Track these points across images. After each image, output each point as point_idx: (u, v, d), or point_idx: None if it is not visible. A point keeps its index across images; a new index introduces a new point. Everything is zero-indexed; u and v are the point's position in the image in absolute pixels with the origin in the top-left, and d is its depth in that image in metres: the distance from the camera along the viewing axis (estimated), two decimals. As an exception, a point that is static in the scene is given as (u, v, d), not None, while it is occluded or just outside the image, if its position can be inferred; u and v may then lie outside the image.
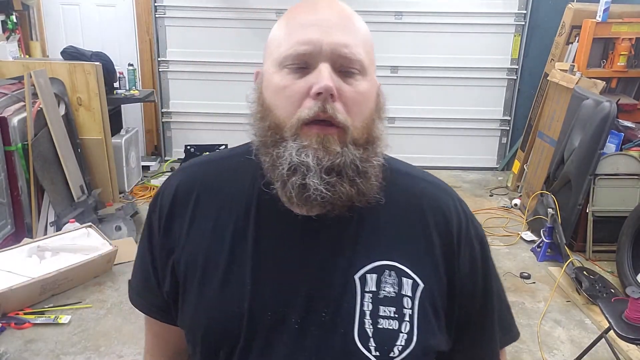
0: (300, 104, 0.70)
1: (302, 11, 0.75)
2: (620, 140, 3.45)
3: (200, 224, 0.79)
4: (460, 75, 5.16)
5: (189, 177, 0.84)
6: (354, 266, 0.75)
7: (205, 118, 5.23)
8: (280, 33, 0.75)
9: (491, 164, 5.45)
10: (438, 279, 0.77)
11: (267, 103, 0.74)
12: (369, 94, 0.74)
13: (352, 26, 0.74)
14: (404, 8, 4.97)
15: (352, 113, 0.71)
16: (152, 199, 0.87)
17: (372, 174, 0.73)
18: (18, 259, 2.96)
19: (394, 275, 0.75)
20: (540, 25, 4.99)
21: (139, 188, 4.57)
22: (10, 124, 3.27)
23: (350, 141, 0.70)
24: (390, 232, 0.78)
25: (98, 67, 3.94)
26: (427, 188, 0.83)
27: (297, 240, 0.76)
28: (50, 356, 2.46)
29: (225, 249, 0.77)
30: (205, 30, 5.01)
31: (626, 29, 3.94)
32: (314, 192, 0.69)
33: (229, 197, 0.80)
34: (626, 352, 2.56)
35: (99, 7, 4.97)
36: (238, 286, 0.75)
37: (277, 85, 0.72)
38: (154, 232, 0.84)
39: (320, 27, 0.71)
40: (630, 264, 3.14)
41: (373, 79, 0.76)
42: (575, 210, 3.50)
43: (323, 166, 0.69)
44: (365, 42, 0.74)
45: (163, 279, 0.83)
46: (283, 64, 0.72)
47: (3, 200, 3.25)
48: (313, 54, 0.70)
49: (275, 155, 0.71)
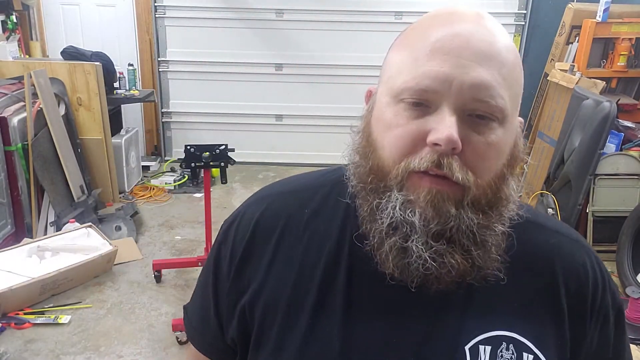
0: (412, 150, 0.57)
1: (433, 29, 0.59)
2: (620, 140, 3.45)
3: (282, 267, 0.67)
4: (460, 75, 5.15)
5: (271, 210, 0.71)
6: (463, 334, 0.62)
7: (205, 118, 5.23)
8: (403, 55, 0.60)
9: (491, 164, 5.44)
10: (563, 355, 0.64)
11: (374, 138, 0.61)
12: (503, 146, 0.59)
13: (497, 55, 0.57)
14: (404, 8, 4.97)
15: (477, 169, 0.57)
16: (224, 226, 0.74)
17: (493, 243, 0.60)
18: (18, 259, 2.96)
19: (512, 349, 0.62)
20: (540, 25, 4.99)
21: (139, 188, 4.57)
22: (10, 124, 3.27)
23: (468, 202, 0.57)
24: (512, 296, 0.64)
25: (98, 67, 3.95)
26: (562, 243, 0.68)
27: (396, 309, 0.63)
28: (50, 356, 2.46)
29: (312, 296, 0.65)
30: (205, 30, 5.01)
31: (626, 29, 3.94)
32: (417, 260, 0.57)
33: (316, 240, 0.67)
34: (626, 352, 2.56)
35: (99, 7, 4.96)
36: (325, 341, 0.63)
37: (389, 121, 0.59)
38: (222, 272, 0.72)
39: (456, 59, 0.56)
40: (630, 264, 3.14)
41: (513, 124, 0.61)
42: (575, 210, 3.49)
43: (431, 229, 0.57)
44: (513, 80, 0.59)
45: (228, 324, 0.72)
46: (399, 97, 0.58)
47: (3, 200, 3.25)
48: (439, 93, 0.56)
49: (375, 205, 0.59)
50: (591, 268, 0.68)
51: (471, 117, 0.57)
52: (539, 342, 0.63)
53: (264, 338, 0.67)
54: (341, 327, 0.63)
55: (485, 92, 0.56)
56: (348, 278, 0.64)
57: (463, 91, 0.56)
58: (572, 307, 0.65)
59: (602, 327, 0.67)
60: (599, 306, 0.67)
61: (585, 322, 0.66)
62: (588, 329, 0.66)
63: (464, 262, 0.58)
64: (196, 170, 4.33)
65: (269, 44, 5.02)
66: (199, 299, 0.78)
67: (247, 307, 0.68)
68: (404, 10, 4.99)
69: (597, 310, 0.66)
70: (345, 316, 0.63)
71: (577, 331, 0.65)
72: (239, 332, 0.70)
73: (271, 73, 5.09)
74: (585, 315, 0.66)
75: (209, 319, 0.74)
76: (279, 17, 4.98)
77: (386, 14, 4.98)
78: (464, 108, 0.56)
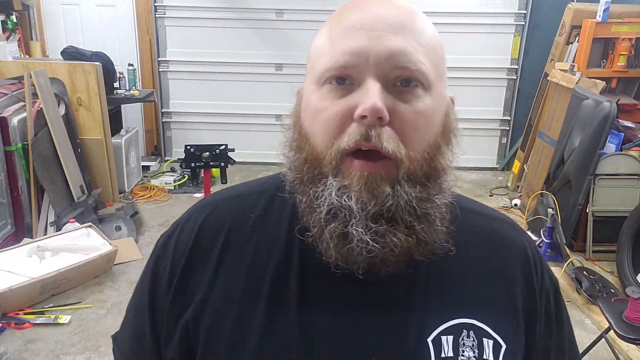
0: (342, 130, 0.57)
1: (348, 11, 0.60)
2: (620, 140, 3.45)
3: (228, 276, 0.64)
4: (460, 75, 5.15)
5: (214, 217, 0.68)
6: (425, 327, 0.61)
7: (205, 118, 5.23)
8: (322, 41, 0.61)
9: (491, 164, 5.44)
10: (520, 337, 0.65)
11: (305, 129, 0.60)
12: (432, 115, 0.58)
13: (412, 26, 0.58)
14: (404, 8, 4.97)
15: (408, 139, 0.56)
16: (162, 239, 0.70)
17: (437, 216, 0.59)
18: (18, 259, 2.96)
19: (473, 335, 0.62)
20: (540, 25, 4.99)
21: (139, 188, 4.57)
22: (10, 124, 3.27)
23: (403, 176, 0.56)
24: (466, 283, 0.64)
25: (98, 67, 3.95)
26: (502, 228, 0.70)
27: (353, 301, 0.62)
28: (50, 356, 2.46)
29: (260, 312, 0.62)
30: (205, 30, 5.01)
31: (626, 29, 3.94)
32: (358, 244, 0.56)
33: (264, 244, 0.65)
34: (626, 352, 2.56)
35: (99, 7, 4.97)
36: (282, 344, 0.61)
37: (315, 106, 0.59)
38: (160, 289, 0.67)
39: (369, 31, 0.56)
40: (630, 264, 3.14)
41: (441, 94, 0.60)
42: (575, 210, 3.49)
43: (369, 212, 0.56)
44: (432, 48, 0.59)
45: (167, 344, 0.67)
46: (322, 80, 0.58)
47: (3, 200, 3.25)
48: (358, 66, 0.56)
49: (312, 194, 0.58)
50: (530, 250, 0.69)
51: (395, 87, 0.57)
52: (497, 327, 0.63)
53: (211, 352, 0.63)
54: (299, 328, 0.61)
55: (404, 58, 0.56)
56: (301, 277, 0.63)
57: (381, 61, 0.56)
58: (523, 289, 0.66)
59: (546, 305, 0.69)
60: (541, 285, 0.68)
61: (535, 302, 0.67)
62: (538, 309, 0.67)
63: (408, 238, 0.57)
64: (196, 170, 4.34)
65: (269, 44, 5.02)
66: (131, 324, 0.73)
67: (191, 322, 0.64)
68: (404, 10, 4.98)
69: (540, 289, 0.68)
70: (302, 316, 0.61)
71: (529, 311, 0.66)
72: (181, 351, 0.65)
73: (271, 73, 5.09)
74: (534, 295, 0.67)
75: (144, 344, 0.69)
76: (279, 17, 4.98)
77: (386, 14, 4.97)
78: (387, 78, 0.56)
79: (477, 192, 4.83)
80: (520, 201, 4.45)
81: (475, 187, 4.96)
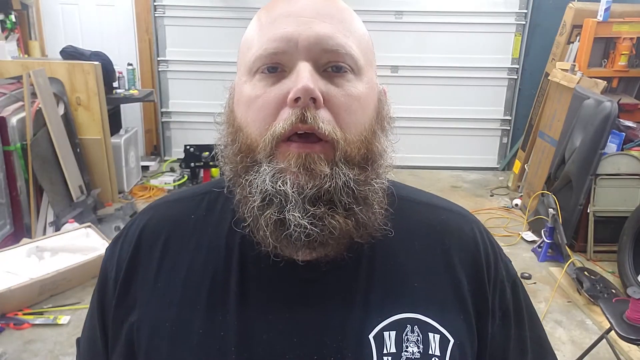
0: (275, 116, 0.56)
1: (277, 3, 0.61)
2: (622, 140, 3.44)
3: (168, 278, 0.63)
4: (460, 75, 5.15)
5: (155, 219, 0.68)
6: (367, 323, 0.60)
7: (205, 118, 5.21)
8: (251, 33, 0.61)
9: (492, 164, 5.43)
10: (469, 330, 0.63)
11: (238, 121, 0.60)
12: (365, 99, 0.59)
13: (339, 14, 0.59)
14: (404, 8, 4.96)
15: (343, 122, 0.57)
16: (109, 245, 0.71)
17: (374, 199, 0.59)
18: (17, 259, 2.95)
19: (417, 330, 0.60)
20: (541, 24, 4.98)
21: (139, 188, 4.56)
22: (9, 124, 3.26)
23: (341, 158, 0.56)
24: (409, 277, 0.63)
25: (97, 66, 3.94)
26: (450, 218, 0.68)
27: (293, 297, 0.60)
28: (49, 357, 2.45)
29: (200, 314, 0.61)
30: (205, 30, 5.01)
31: (627, 28, 3.93)
32: (296, 229, 0.54)
33: (204, 244, 0.64)
34: (627, 352, 2.55)
35: (98, 6, 4.96)
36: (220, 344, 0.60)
37: (247, 96, 0.58)
38: (108, 292, 0.67)
39: (297, 18, 0.57)
40: (632, 264, 3.13)
41: (372, 80, 0.61)
42: (576, 210, 3.48)
43: (306, 195, 0.54)
44: (359, 36, 0.60)
45: (113, 349, 0.66)
46: (253, 70, 0.58)
47: (2, 200, 3.24)
48: (288, 52, 0.56)
49: (245, 183, 0.57)
50: (481, 240, 0.67)
51: (327, 72, 0.57)
52: (443, 320, 0.62)
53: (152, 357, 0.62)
54: (237, 328, 0.60)
55: (332, 42, 0.57)
56: (241, 274, 0.62)
57: (311, 46, 0.56)
58: (471, 281, 0.64)
59: (500, 298, 0.66)
60: (494, 277, 0.66)
61: (486, 294, 0.65)
62: (490, 301, 0.65)
63: (347, 220, 0.56)
64: (196, 170, 4.34)
65: (269, 43, 5.01)
66: (87, 327, 0.72)
67: (135, 326, 0.63)
68: (404, 10, 4.98)
69: (492, 281, 0.66)
70: (240, 315, 0.60)
71: (479, 304, 0.65)
72: (125, 355, 0.64)
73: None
74: (483, 287, 0.65)
75: (97, 347, 0.69)
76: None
77: (386, 13, 4.97)
78: (317, 63, 0.56)
79: (478, 192, 4.82)
80: (521, 201, 4.44)
81: (475, 187, 4.95)
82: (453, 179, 5.08)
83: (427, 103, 5.22)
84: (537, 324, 0.72)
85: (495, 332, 0.66)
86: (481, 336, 0.65)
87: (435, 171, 5.20)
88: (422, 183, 4.75)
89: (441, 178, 5.09)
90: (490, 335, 0.65)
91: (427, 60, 5.11)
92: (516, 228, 4.03)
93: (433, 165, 5.11)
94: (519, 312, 0.69)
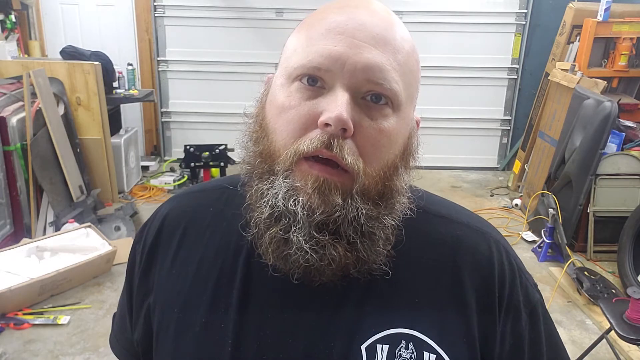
0: (303, 133, 0.55)
1: (332, 12, 0.58)
2: (622, 140, 3.44)
3: (183, 264, 0.66)
4: (460, 75, 5.15)
5: (177, 208, 0.70)
6: (361, 333, 0.59)
7: (205, 118, 5.22)
8: (300, 37, 0.59)
9: (492, 164, 5.43)
10: (472, 354, 0.60)
11: (266, 123, 0.59)
12: (396, 135, 0.57)
13: (393, 41, 0.56)
14: (404, 8, 4.96)
15: (367, 155, 0.55)
16: (139, 229, 0.75)
17: (381, 237, 0.57)
18: (17, 259, 2.95)
19: (412, 347, 0.59)
20: (541, 24, 4.98)
21: (139, 188, 4.56)
22: (9, 124, 3.26)
23: (358, 191, 0.55)
24: (413, 291, 0.61)
25: (97, 66, 3.94)
26: (467, 235, 0.65)
27: (290, 301, 0.61)
28: (49, 357, 2.45)
29: (205, 304, 0.63)
30: (205, 30, 5.01)
31: (627, 28, 3.93)
32: (296, 252, 0.55)
33: (217, 237, 0.66)
34: (627, 352, 2.55)
35: (98, 6, 4.96)
36: (218, 339, 0.61)
37: (281, 103, 0.57)
38: (135, 272, 0.71)
39: (350, 38, 0.55)
40: (632, 264, 3.13)
41: (408, 116, 0.60)
42: (576, 210, 3.48)
43: (315, 219, 0.54)
44: (408, 68, 0.58)
45: (135, 324, 0.71)
46: (293, 77, 0.57)
47: (2, 200, 3.24)
48: (332, 71, 0.54)
49: (257, 191, 0.57)
50: (498, 260, 0.64)
51: (365, 100, 0.56)
52: (442, 340, 0.59)
53: (162, 338, 0.65)
54: (235, 324, 0.61)
55: (379, 74, 0.55)
56: (246, 272, 0.63)
57: (356, 72, 0.54)
58: (479, 302, 0.61)
59: (513, 324, 0.63)
60: (508, 301, 0.62)
61: (495, 317, 0.62)
62: (498, 325, 0.62)
63: (347, 254, 0.56)
64: (196, 170, 4.34)
65: (269, 43, 5.01)
66: (120, 305, 0.77)
67: (151, 307, 0.67)
68: (404, 10, 4.98)
69: (505, 305, 0.62)
70: (240, 312, 0.61)
71: (486, 327, 0.61)
72: (143, 333, 0.69)
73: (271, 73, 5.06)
74: (493, 310, 0.62)
75: (126, 323, 0.74)
76: (279, 16, 4.97)
77: (386, 13, 4.96)
78: (357, 90, 0.55)
79: (478, 192, 4.82)
80: (521, 201, 4.44)
81: (475, 187, 4.95)
82: (453, 179, 5.08)
83: (427, 103, 5.21)
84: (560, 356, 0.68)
85: (505, 359, 0.62)
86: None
87: (435, 171, 5.20)
88: (422, 183, 4.73)
89: (441, 178, 5.09)
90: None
91: (426, 60, 5.11)
92: (516, 228, 4.03)
93: (433, 165, 5.11)
94: (536, 342, 0.64)
